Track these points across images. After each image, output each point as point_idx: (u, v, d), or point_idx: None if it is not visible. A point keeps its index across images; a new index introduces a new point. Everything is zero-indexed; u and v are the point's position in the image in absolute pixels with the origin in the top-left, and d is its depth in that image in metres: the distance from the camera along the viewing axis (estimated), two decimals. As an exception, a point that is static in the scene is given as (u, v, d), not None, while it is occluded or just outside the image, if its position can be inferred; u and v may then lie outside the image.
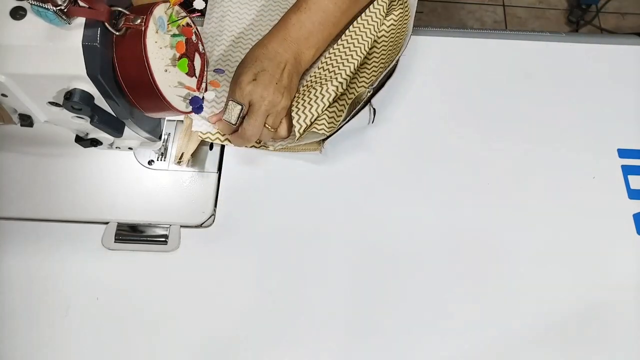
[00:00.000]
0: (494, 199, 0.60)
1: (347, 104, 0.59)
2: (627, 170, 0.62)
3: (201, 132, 0.58)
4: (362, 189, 0.59)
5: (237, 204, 0.58)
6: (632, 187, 0.61)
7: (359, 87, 0.60)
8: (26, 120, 0.48)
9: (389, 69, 0.59)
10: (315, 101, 0.57)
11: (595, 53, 0.69)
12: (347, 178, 0.60)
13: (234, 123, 0.54)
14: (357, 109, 0.57)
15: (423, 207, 0.59)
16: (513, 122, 0.64)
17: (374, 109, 0.58)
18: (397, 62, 0.60)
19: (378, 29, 0.63)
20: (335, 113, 0.59)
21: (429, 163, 0.61)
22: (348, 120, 0.57)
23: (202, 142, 0.60)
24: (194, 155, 0.60)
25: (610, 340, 0.54)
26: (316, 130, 0.56)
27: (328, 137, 0.57)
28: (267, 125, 0.55)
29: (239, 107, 0.53)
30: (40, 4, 0.37)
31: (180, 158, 0.59)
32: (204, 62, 0.52)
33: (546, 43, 0.70)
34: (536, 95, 0.66)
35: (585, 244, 0.58)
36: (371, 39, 0.62)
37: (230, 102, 0.54)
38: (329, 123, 0.57)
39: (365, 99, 0.58)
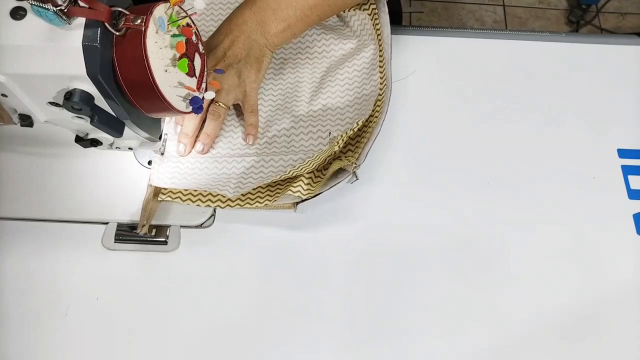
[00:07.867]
0: (493, 199, 0.60)
1: (325, 169, 0.57)
2: (627, 170, 0.62)
3: (162, 194, 0.57)
4: (362, 188, 0.59)
5: (237, 204, 0.58)
6: (632, 187, 0.61)
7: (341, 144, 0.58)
8: (26, 120, 0.48)
9: (373, 140, 0.58)
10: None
11: (595, 53, 0.69)
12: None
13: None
14: (338, 181, 0.56)
15: (424, 208, 0.59)
16: (513, 122, 0.64)
17: (357, 177, 0.56)
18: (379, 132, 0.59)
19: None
20: (313, 178, 0.57)
21: (427, 161, 0.61)
22: (326, 190, 0.55)
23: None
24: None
25: (610, 340, 0.54)
26: (292, 193, 0.55)
27: (303, 200, 0.56)
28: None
29: None
30: (40, 4, 0.37)
31: (142, 227, 0.55)
32: (204, 62, 0.51)
33: (546, 43, 0.70)
34: (536, 95, 0.66)
35: (585, 244, 0.58)
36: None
37: None
38: (306, 185, 0.56)
39: (350, 174, 0.56)
